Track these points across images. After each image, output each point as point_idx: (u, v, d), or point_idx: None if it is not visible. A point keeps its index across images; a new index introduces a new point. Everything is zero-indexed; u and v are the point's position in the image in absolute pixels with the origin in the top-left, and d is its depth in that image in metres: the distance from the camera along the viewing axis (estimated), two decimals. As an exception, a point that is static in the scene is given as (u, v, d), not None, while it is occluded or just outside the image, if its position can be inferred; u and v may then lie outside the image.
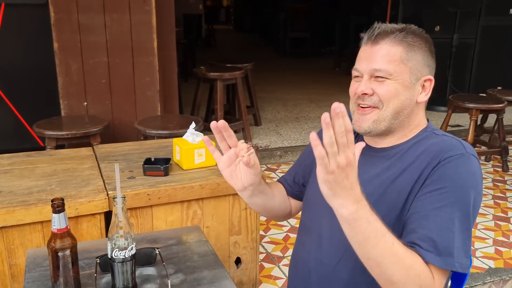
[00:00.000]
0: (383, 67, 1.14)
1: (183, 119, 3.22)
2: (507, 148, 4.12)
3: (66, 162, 2.05)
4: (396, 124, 1.18)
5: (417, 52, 1.16)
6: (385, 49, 1.15)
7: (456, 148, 1.12)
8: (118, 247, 1.15)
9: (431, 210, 1.06)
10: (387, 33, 1.16)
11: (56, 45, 3.07)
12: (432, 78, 1.19)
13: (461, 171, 1.08)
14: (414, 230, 1.06)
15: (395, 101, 1.15)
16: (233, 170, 1.17)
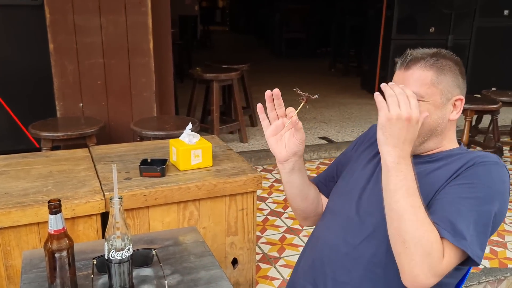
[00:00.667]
0: (415, 90, 1.20)
1: (179, 120, 3.23)
2: (502, 148, 4.14)
3: (62, 163, 2.04)
4: (430, 139, 1.27)
5: (447, 75, 1.24)
6: (417, 74, 1.23)
7: (492, 157, 1.21)
8: (115, 248, 1.16)
9: (456, 198, 1.14)
10: (418, 59, 1.24)
11: (51, 46, 3.07)
12: (462, 97, 1.27)
13: (493, 175, 1.17)
14: (435, 211, 1.13)
15: (429, 120, 1.23)
16: (279, 139, 1.27)
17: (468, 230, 1.09)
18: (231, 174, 1.98)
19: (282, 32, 9.95)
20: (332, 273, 1.29)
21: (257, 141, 4.57)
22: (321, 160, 4.29)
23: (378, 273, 1.22)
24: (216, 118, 4.13)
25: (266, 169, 4.02)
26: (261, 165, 4.10)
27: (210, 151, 2.02)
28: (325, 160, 4.29)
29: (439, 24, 6.04)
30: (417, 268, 1.07)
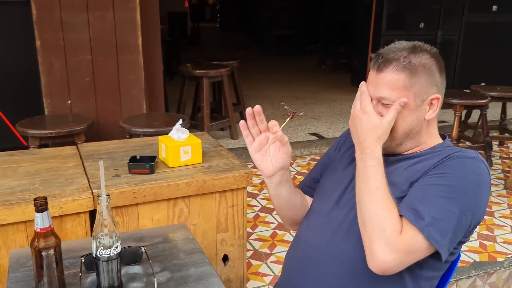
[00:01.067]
0: (387, 95, 1.20)
1: (168, 117, 3.21)
2: (491, 143, 4.17)
3: (50, 161, 2.02)
4: (407, 140, 1.25)
5: (421, 76, 1.19)
6: (389, 77, 1.20)
7: (470, 152, 1.19)
8: (103, 246, 1.14)
9: (424, 185, 1.14)
10: (390, 61, 1.20)
11: (38, 43, 3.03)
12: (439, 96, 1.23)
13: (467, 167, 1.15)
14: (404, 198, 1.15)
15: (403, 124, 1.22)
16: (263, 154, 1.25)
17: (429, 213, 1.08)
18: (221, 171, 1.96)
19: (272, 29, 9.94)
20: (315, 272, 1.27)
21: (248, 138, 4.55)
22: (312, 156, 4.29)
23: (359, 269, 1.20)
24: (206, 115, 4.11)
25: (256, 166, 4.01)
26: (251, 162, 4.08)
27: (199, 147, 2.01)
28: (315, 156, 4.29)
29: (429, 20, 6.07)
30: (375, 244, 1.08)
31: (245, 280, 2.20)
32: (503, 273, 2.52)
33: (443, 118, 5.25)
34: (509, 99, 4.34)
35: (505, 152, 4.56)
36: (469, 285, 2.45)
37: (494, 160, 4.27)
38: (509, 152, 4.51)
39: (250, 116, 1.21)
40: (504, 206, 3.37)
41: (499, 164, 4.23)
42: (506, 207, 3.35)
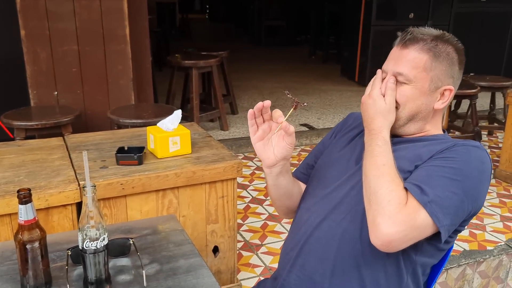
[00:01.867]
0: (405, 72, 1.20)
1: (157, 108, 3.17)
2: (480, 133, 4.19)
3: (35, 153, 1.98)
4: (411, 124, 1.26)
5: (442, 62, 1.21)
6: (412, 55, 1.20)
7: (474, 142, 1.21)
8: (89, 238, 1.11)
9: (429, 166, 1.15)
10: (417, 39, 1.21)
11: (23, 33, 2.96)
12: (452, 88, 1.24)
13: (472, 155, 1.16)
14: (409, 177, 1.15)
15: (411, 105, 1.22)
16: (266, 143, 1.23)
17: (433, 191, 1.08)
18: (210, 161, 1.94)
19: (262, 20, 9.88)
20: (314, 249, 1.26)
21: (238, 129, 4.53)
22: (302, 147, 4.28)
23: (358, 249, 1.20)
24: (196, 106, 4.08)
25: (247, 157, 3.99)
26: (242, 153, 4.07)
27: (188, 138, 1.98)
28: (306, 147, 4.28)
29: (418, 9, 6.06)
30: (378, 217, 1.07)
31: (236, 271, 2.19)
32: (492, 261, 2.54)
33: (433, 108, 5.26)
34: (498, 89, 4.36)
35: (494, 142, 4.59)
36: (459, 274, 2.46)
37: (483, 149, 4.29)
38: (498, 142, 4.54)
39: (259, 110, 1.19)
40: (494, 195, 3.39)
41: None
42: (495, 196, 3.37)
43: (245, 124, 4.67)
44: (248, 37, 10.71)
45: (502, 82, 4.34)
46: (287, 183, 1.34)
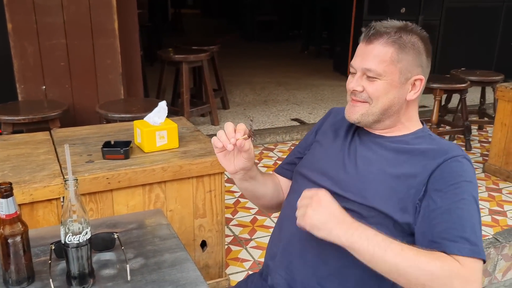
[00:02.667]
0: (373, 67, 1.20)
1: (147, 103, 3.15)
2: (470, 127, 4.21)
3: (21, 147, 1.96)
4: (385, 118, 1.24)
5: (409, 53, 1.20)
6: (377, 50, 1.20)
7: (458, 150, 1.19)
8: (72, 232, 1.10)
9: (450, 204, 1.11)
10: (380, 33, 1.20)
11: (10, 26, 2.93)
12: (423, 77, 1.23)
13: (466, 169, 1.16)
14: (437, 225, 1.10)
15: (384, 99, 1.21)
16: (227, 154, 1.23)
17: (476, 232, 1.08)
18: (197, 155, 1.93)
19: (254, 15, 9.84)
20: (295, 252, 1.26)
21: (230, 123, 4.52)
22: (293, 142, 4.28)
23: (342, 249, 1.16)
24: (186, 101, 4.06)
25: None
26: (232, 148, 4.06)
27: (175, 132, 1.97)
28: (297, 141, 4.28)
29: (410, 4, 6.06)
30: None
31: (224, 265, 2.18)
32: (480, 254, 2.55)
33: (423, 103, 5.28)
34: (488, 83, 4.38)
35: (484, 136, 4.61)
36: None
37: (473, 144, 4.32)
38: (488, 136, 4.56)
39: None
40: (483, 189, 3.41)
41: (478, 148, 4.28)
42: (484, 190, 3.39)
43: (236, 119, 4.67)
44: (240, 32, 10.67)
45: (492, 77, 4.36)
46: (253, 187, 1.35)
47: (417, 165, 1.18)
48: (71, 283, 1.14)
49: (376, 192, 1.19)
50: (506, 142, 3.51)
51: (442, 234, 1.09)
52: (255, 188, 1.36)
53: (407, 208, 1.16)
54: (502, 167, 3.57)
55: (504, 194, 3.33)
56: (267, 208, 1.49)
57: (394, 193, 1.17)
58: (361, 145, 1.29)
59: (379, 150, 1.25)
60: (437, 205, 1.12)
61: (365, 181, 1.22)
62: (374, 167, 1.22)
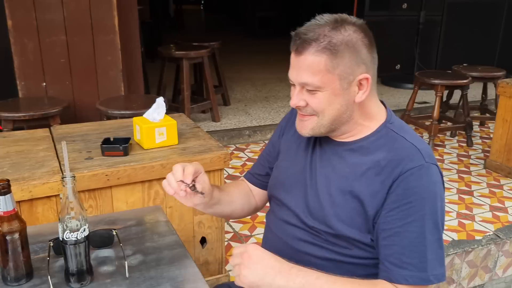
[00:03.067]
0: (309, 81, 1.10)
1: (147, 99, 3.14)
2: (472, 123, 4.20)
3: (20, 144, 1.96)
4: (339, 126, 1.17)
5: (344, 55, 1.08)
6: (309, 60, 1.09)
7: (416, 158, 1.10)
8: (69, 229, 1.11)
9: (401, 226, 1.08)
10: (309, 41, 1.08)
11: (10, 23, 2.92)
12: (367, 76, 1.12)
13: (423, 183, 1.08)
14: (388, 246, 1.09)
15: (330, 111, 1.13)
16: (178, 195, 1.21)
17: (427, 257, 1.05)
18: (197, 152, 1.93)
19: (255, 11, 9.81)
20: None
21: (229, 120, 4.51)
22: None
23: None
24: (187, 97, 4.06)
25: (239, 148, 3.99)
26: (233, 144, 4.06)
27: (175, 128, 1.96)
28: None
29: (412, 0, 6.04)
30: None
31: (224, 262, 2.19)
32: (481, 251, 2.55)
33: (425, 99, 5.27)
34: (490, 79, 4.36)
35: (486, 132, 4.60)
36: (447, 264, 2.47)
37: (474, 140, 4.31)
38: (490, 132, 4.55)
39: None
40: (483, 185, 3.40)
41: (479, 144, 4.27)
42: (485, 186, 3.39)
43: (237, 116, 4.66)
44: (241, 28, 10.65)
45: (494, 73, 4.34)
46: (220, 210, 1.34)
47: (376, 182, 1.11)
48: (70, 280, 1.14)
49: (339, 218, 1.14)
50: (508, 138, 3.50)
51: (390, 258, 1.08)
52: (222, 211, 1.35)
53: (372, 228, 1.13)
54: (504, 163, 3.56)
55: (505, 190, 3.33)
56: (240, 217, 1.49)
57: (357, 216, 1.13)
58: (321, 159, 1.22)
59: (338, 164, 1.19)
60: (387, 226, 1.09)
61: (326, 206, 1.16)
62: (333, 188, 1.17)
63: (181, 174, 1.17)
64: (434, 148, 4.05)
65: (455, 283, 2.54)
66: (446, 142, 4.30)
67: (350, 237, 1.14)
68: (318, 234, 1.19)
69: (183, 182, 1.17)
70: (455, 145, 4.22)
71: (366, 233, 1.13)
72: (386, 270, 1.08)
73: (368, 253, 1.16)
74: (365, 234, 1.13)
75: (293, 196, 1.26)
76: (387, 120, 1.20)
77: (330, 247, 1.18)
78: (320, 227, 1.18)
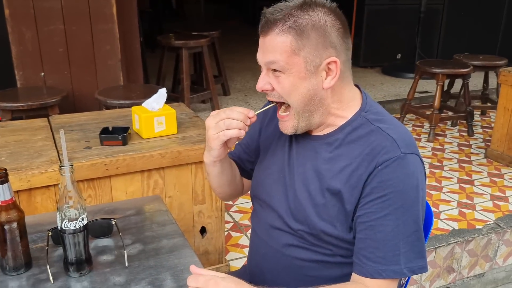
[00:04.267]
0: (275, 58, 1.06)
1: (146, 89, 3.12)
2: (473, 112, 4.18)
3: (18, 134, 1.95)
4: (311, 116, 1.12)
5: (310, 36, 1.04)
6: (275, 40, 1.05)
7: (391, 150, 1.06)
8: (68, 218, 1.10)
9: (376, 219, 1.05)
10: (275, 21, 1.05)
11: (7, 12, 2.90)
12: (336, 59, 1.07)
13: (398, 175, 1.05)
14: (362, 239, 1.07)
15: (296, 96, 1.08)
16: None
17: (399, 251, 1.03)
18: (196, 141, 1.92)
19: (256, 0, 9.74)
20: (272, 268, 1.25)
21: (229, 109, 4.49)
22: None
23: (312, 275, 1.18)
24: (187, 87, 4.03)
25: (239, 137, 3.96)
26: (233, 134, 4.04)
27: (174, 117, 1.95)
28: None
29: (413, -12, 5.99)
30: None
31: (224, 251, 2.19)
32: (481, 240, 2.55)
33: (426, 88, 5.24)
34: (492, 68, 4.33)
35: (487, 122, 4.58)
36: (447, 253, 2.47)
37: (475, 129, 4.29)
38: (491, 122, 4.53)
39: None
40: (484, 174, 3.39)
41: (480, 134, 4.25)
42: (486, 175, 3.38)
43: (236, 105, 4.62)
44: (242, 17, 10.58)
45: (496, 61, 4.31)
46: (227, 167, 1.30)
47: (353, 177, 1.08)
48: (69, 269, 1.14)
49: (321, 217, 1.12)
50: (509, 128, 3.48)
51: (363, 252, 1.07)
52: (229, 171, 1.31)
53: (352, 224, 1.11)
54: (505, 152, 3.55)
55: (506, 179, 3.32)
56: (231, 196, 1.43)
57: (338, 213, 1.10)
58: (298, 156, 1.19)
59: (315, 161, 1.15)
60: (362, 219, 1.07)
61: (307, 207, 1.14)
62: (312, 186, 1.13)
63: (242, 109, 1.13)
64: (435, 137, 4.04)
65: (455, 272, 2.54)
66: (447, 131, 4.28)
67: (335, 236, 1.12)
68: (303, 237, 1.17)
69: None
70: (456, 135, 4.21)
71: (347, 230, 1.11)
72: (360, 264, 1.07)
73: (350, 251, 1.14)
74: (346, 231, 1.11)
75: (274, 197, 1.22)
76: (362, 108, 1.15)
77: (316, 249, 1.16)
78: (304, 228, 1.15)
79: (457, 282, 2.57)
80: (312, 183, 1.14)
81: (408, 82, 5.49)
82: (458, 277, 2.57)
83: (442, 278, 2.51)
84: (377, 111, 1.15)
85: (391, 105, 4.72)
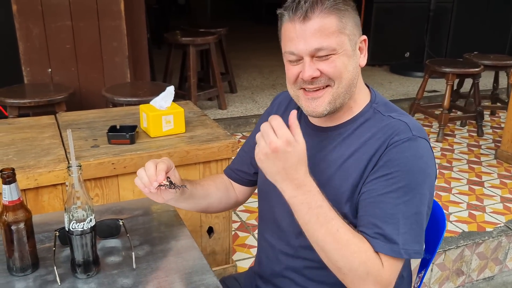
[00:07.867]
0: (325, 44, 1.03)
1: (153, 86, 3.11)
2: (483, 113, 4.13)
3: (26, 131, 1.93)
4: (347, 97, 1.11)
5: (349, 15, 1.06)
6: (320, 23, 1.03)
7: (402, 131, 1.06)
8: (76, 219, 1.08)
9: (377, 196, 1.04)
10: (315, 3, 1.03)
11: (15, 8, 2.89)
12: (365, 37, 1.12)
13: (407, 155, 1.04)
14: (362, 216, 1.06)
15: (346, 75, 1.07)
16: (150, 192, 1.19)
17: (398, 229, 1.01)
18: (204, 141, 1.89)
19: (263, -3, 9.72)
20: None
21: (236, 108, 4.47)
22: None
23: None
24: (193, 84, 4.01)
25: (245, 136, 3.95)
26: (240, 132, 4.03)
27: (182, 116, 1.93)
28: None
29: (422, -14, 5.94)
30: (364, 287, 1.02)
31: (231, 252, 2.17)
32: (491, 243, 2.52)
33: (435, 88, 5.19)
34: (502, 67, 4.29)
35: (497, 122, 4.53)
36: (457, 255, 2.44)
37: (485, 130, 4.24)
38: (501, 122, 4.48)
39: None
40: (494, 176, 3.35)
41: (490, 134, 4.21)
42: (496, 177, 3.34)
43: (244, 103, 4.62)
44: (249, 14, 10.55)
45: (506, 61, 4.26)
46: (193, 205, 1.31)
47: (363, 160, 1.08)
48: (76, 270, 1.12)
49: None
50: (519, 128, 3.44)
51: (362, 228, 1.04)
52: (196, 205, 1.31)
53: None
54: (515, 153, 3.50)
55: (516, 181, 3.28)
56: (219, 211, 1.43)
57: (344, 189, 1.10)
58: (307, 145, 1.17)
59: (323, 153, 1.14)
60: (367, 195, 1.05)
61: None
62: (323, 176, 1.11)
63: (154, 170, 1.14)
64: (444, 137, 3.99)
65: (464, 275, 2.51)
66: (456, 131, 4.24)
67: None
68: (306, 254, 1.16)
69: (161, 183, 1.15)
70: (465, 135, 4.16)
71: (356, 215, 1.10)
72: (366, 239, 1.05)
73: None
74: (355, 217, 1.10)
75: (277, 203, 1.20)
76: (372, 100, 1.16)
77: None
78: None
79: (466, 285, 2.54)
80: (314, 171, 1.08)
81: (416, 81, 5.45)
82: (467, 280, 2.53)
83: (451, 281, 2.48)
84: (385, 103, 1.17)
85: (400, 104, 4.66)
